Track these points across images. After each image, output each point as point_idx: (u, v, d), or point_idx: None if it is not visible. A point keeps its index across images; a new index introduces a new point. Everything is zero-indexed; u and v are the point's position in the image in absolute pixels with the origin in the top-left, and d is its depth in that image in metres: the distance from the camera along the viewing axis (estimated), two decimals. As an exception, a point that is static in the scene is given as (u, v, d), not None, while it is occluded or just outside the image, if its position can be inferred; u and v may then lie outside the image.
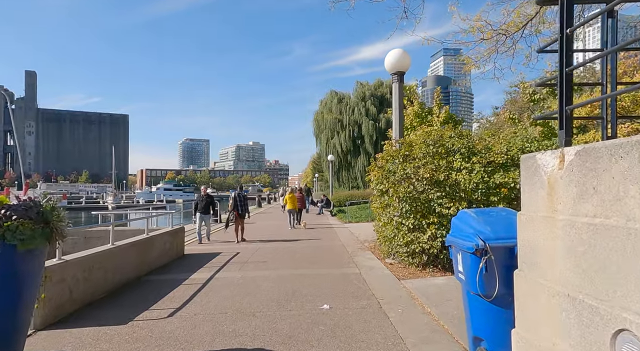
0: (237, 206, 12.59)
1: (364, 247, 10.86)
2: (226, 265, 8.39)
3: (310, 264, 8.42)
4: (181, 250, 9.75)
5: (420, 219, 6.98)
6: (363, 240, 12.28)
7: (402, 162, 7.26)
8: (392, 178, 7.21)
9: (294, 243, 11.89)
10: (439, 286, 6.07)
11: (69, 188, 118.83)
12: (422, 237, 6.86)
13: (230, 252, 10.19)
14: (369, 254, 9.55)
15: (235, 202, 12.69)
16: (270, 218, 22.53)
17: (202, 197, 12.48)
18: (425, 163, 6.85)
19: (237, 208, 12.59)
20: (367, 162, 51.85)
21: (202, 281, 6.88)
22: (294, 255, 9.68)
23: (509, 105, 30.85)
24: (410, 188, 6.85)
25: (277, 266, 8.17)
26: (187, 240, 12.27)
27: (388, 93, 54.73)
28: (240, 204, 12.60)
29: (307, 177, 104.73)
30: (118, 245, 6.68)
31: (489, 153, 6.73)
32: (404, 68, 8.62)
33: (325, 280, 6.81)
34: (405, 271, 7.40)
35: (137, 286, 6.65)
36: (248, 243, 11.95)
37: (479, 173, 6.49)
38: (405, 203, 6.99)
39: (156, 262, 8.16)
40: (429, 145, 7.05)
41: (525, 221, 2.81)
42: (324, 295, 5.86)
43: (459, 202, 6.53)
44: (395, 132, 8.62)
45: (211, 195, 12.90)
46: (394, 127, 8.71)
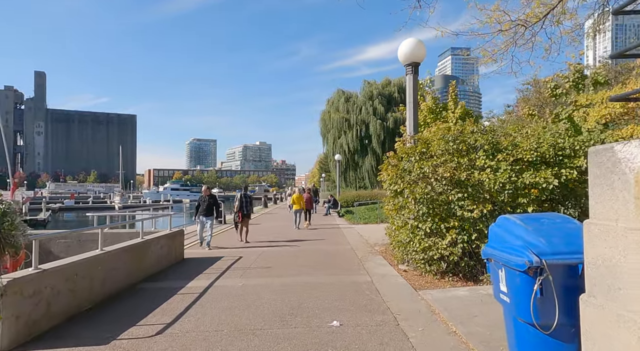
0: (242, 207, 12.42)
1: (374, 251, 10.21)
2: (227, 271, 7.80)
3: (317, 270, 7.80)
4: (180, 254, 9.19)
5: (438, 223, 6.33)
6: (373, 243, 11.64)
7: (418, 160, 6.61)
8: (408, 177, 6.56)
9: (300, 246, 11.28)
10: (461, 299, 5.41)
11: (77, 188, 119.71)
12: (441, 243, 6.21)
13: (232, 255, 9.61)
14: (380, 259, 8.91)
15: (241, 202, 12.50)
16: (276, 218, 21.96)
17: (203, 198, 11.21)
18: (445, 162, 6.20)
19: (243, 209, 12.40)
20: (375, 162, 51.18)
21: (199, 291, 6.29)
22: (300, 259, 9.07)
23: (521, 103, 29.95)
24: (427, 188, 6.20)
25: (281, 273, 7.56)
26: (189, 243, 11.72)
27: (396, 92, 53.95)
28: (245, 205, 12.46)
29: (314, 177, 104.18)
30: (108, 251, 6.11)
31: (516, 150, 6.06)
32: (418, 58, 7.97)
33: (333, 290, 6.18)
34: (422, 279, 6.75)
35: (128, 296, 6.07)
36: (252, 245, 11.36)
37: (506, 172, 5.82)
38: (422, 205, 6.34)
39: (152, 267, 7.59)
40: (449, 141, 6.40)
41: (597, 233, 2.16)
42: (333, 309, 5.23)
43: (482, 204, 5.87)
44: (410, 128, 7.98)
45: (214, 195, 11.77)
46: (408, 122, 8.06)
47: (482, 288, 5.89)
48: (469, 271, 6.37)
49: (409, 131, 7.97)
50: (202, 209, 11.05)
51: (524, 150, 5.99)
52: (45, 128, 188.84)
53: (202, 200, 11.30)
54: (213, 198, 11.40)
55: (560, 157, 5.95)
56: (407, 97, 8.10)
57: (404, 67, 8.14)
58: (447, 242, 6.14)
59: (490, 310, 4.85)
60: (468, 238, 6.11)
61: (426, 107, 10.46)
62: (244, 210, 12.31)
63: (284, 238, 13.03)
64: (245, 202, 12.51)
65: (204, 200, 11.24)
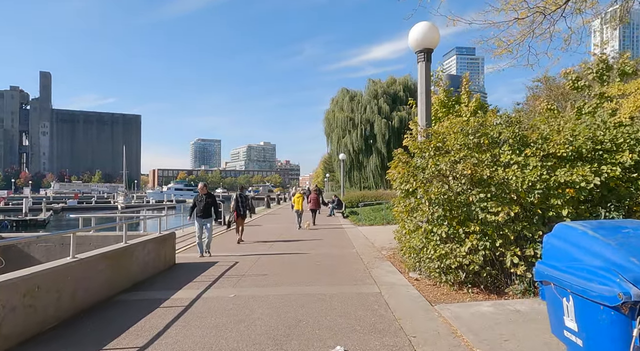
0: (239, 207, 12.39)
1: (381, 255, 9.45)
2: (219, 280, 7.05)
3: (319, 279, 7.04)
4: (171, 258, 8.46)
5: (456, 227, 5.56)
6: (379, 246, 10.87)
7: (433, 156, 5.85)
8: (421, 176, 5.79)
9: (301, 250, 10.52)
10: (486, 317, 4.63)
11: (82, 188, 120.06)
12: (460, 250, 5.43)
13: (228, 260, 8.87)
14: (388, 265, 8.14)
15: (237, 202, 12.45)
16: (278, 219, 21.22)
17: (200, 197, 9.91)
18: (464, 157, 5.43)
19: (239, 209, 12.36)
20: (380, 161, 50.35)
21: (185, 303, 5.56)
22: (300, 266, 8.32)
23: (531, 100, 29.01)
24: (444, 188, 5.44)
25: (278, 282, 6.81)
26: (185, 245, 11.01)
27: (401, 91, 53.17)
28: (241, 205, 12.42)
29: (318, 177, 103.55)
30: (81, 259, 5.38)
31: (547, 144, 5.28)
32: (431, 44, 7.20)
33: (337, 304, 5.43)
34: (437, 291, 5.98)
35: (103, 311, 5.35)
36: (250, 249, 10.62)
37: (536, 169, 5.04)
38: (437, 206, 5.57)
39: (137, 275, 6.87)
40: (468, 134, 5.63)
41: None
42: (337, 328, 4.48)
43: (508, 206, 5.09)
44: (422, 120, 7.21)
45: (212, 194, 10.28)
46: (420, 114, 7.29)
47: (508, 303, 5.11)
48: (491, 282, 5.59)
49: (421, 124, 7.20)
50: (198, 210, 9.79)
51: (556, 143, 5.20)
52: (50, 128, 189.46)
53: (198, 199, 9.95)
54: (211, 197, 10.04)
55: (599, 152, 5.16)
56: (419, 87, 7.33)
57: (415, 54, 7.37)
58: (466, 248, 5.37)
59: (523, 332, 4.08)
60: (491, 245, 5.34)
61: (437, 100, 9.69)
62: (240, 210, 12.32)
63: (285, 241, 12.29)
64: (242, 202, 12.49)
65: (200, 199, 9.90)
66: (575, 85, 9.88)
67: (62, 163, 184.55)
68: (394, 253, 9.50)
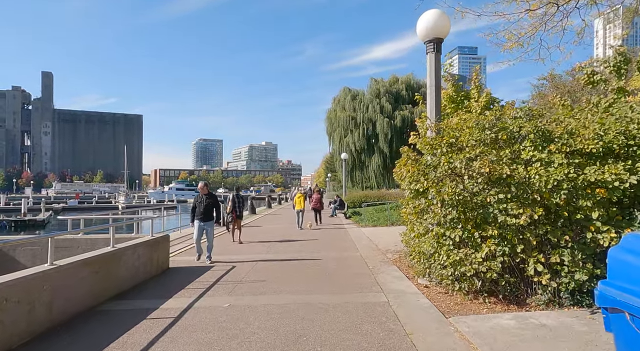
0: (235, 207, 12.30)
1: (387, 259, 8.95)
2: (214, 286, 6.57)
3: (322, 286, 6.54)
4: (164, 262, 7.99)
5: (471, 230, 5.06)
6: (384, 249, 10.37)
7: (445, 153, 5.35)
8: (433, 174, 5.30)
9: (303, 253, 10.04)
10: (509, 332, 4.13)
11: (83, 188, 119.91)
12: (476, 256, 4.93)
13: (225, 264, 8.40)
14: (394, 270, 7.64)
15: (234, 203, 12.36)
16: (279, 220, 20.73)
17: (200, 198, 9.07)
18: (481, 154, 4.93)
19: (236, 210, 12.28)
20: (382, 161, 49.84)
21: (174, 314, 5.08)
22: (301, 270, 7.83)
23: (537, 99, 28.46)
24: (458, 187, 4.94)
25: (278, 289, 6.32)
26: (181, 248, 10.53)
27: (403, 90, 52.65)
28: (238, 205, 12.33)
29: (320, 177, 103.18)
30: (59, 266, 4.91)
31: (574, 139, 4.77)
32: (442, 34, 6.70)
33: (341, 316, 4.94)
34: (450, 300, 5.49)
35: (84, 323, 4.87)
36: (249, 253, 10.15)
37: (562, 167, 4.54)
38: (451, 208, 5.08)
39: (125, 282, 6.39)
40: (484, 129, 5.13)
41: None
42: (341, 345, 3.99)
43: (531, 208, 4.59)
44: (431, 114, 6.70)
45: (214, 194, 9.41)
46: (429, 109, 6.79)
47: (531, 315, 4.60)
48: (510, 291, 5.09)
49: (430, 118, 6.70)
50: (199, 212, 8.92)
51: (584, 139, 4.70)
52: (52, 128, 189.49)
53: (198, 200, 9.11)
54: (213, 197, 9.20)
55: (633, 148, 4.66)
56: (428, 79, 6.83)
57: (424, 45, 6.87)
58: (483, 254, 4.87)
59: (554, 353, 3.58)
60: (510, 251, 4.84)
61: (446, 95, 9.17)
62: (237, 211, 12.23)
63: (286, 243, 11.81)
64: (238, 202, 12.42)
65: (200, 200, 9.04)
66: (590, 80, 9.33)
67: (64, 163, 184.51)
68: (400, 257, 9.01)
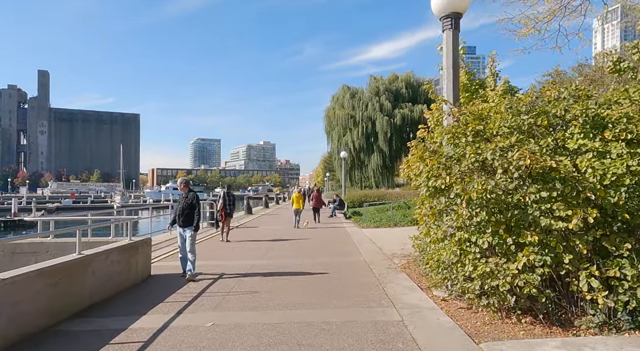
0: (226, 206, 12.05)
1: (394, 265, 8.07)
2: (198, 298, 5.68)
3: (322, 299, 5.65)
4: (145, 269, 7.09)
5: (503, 236, 4.18)
6: (390, 253, 9.50)
7: (471, 142, 4.47)
8: (457, 169, 4.41)
9: (301, 257, 9.15)
10: (562, 367, 3.25)
11: (80, 188, 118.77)
12: (510, 267, 4.05)
13: (213, 271, 7.50)
14: (405, 279, 6.76)
15: (224, 201, 12.12)
16: (276, 221, 19.82)
17: (181, 198, 7.53)
18: (518, 143, 4.05)
19: (226, 208, 12.03)
20: (381, 160, 48.99)
21: (145, 337, 4.19)
22: (299, 279, 6.94)
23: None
24: (489, 184, 4.05)
25: (271, 303, 5.43)
26: (169, 251, 9.62)
27: (403, 88, 51.82)
28: (228, 204, 12.11)
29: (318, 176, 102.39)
30: (5, 279, 4.01)
31: (635, 125, 3.90)
32: (460, 8, 5.82)
33: (347, 339, 4.05)
34: (475, 318, 4.61)
35: (30, 349, 3.97)
36: (241, 256, 9.26)
37: (622, 158, 3.67)
38: (479, 208, 4.19)
39: (94, 295, 5.49)
40: (519, 113, 4.26)
41: None
42: (350, 385, 3.10)
43: (583, 209, 3.71)
44: (449, 97, 5.81)
45: (195, 193, 7.59)
46: (446, 93, 5.89)
47: (583, 342, 3.72)
48: (553, 310, 4.21)
49: (446, 96, 5.81)
50: (179, 213, 7.34)
51: (648, 123, 3.83)
52: (48, 127, 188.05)
53: (179, 201, 7.65)
54: (192, 198, 7.41)
55: None
56: (445, 60, 5.94)
57: (441, 22, 5.99)
58: (519, 265, 3.99)
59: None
60: (552, 261, 3.96)
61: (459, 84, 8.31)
62: (227, 209, 12.00)
63: (282, 246, 10.91)
64: (229, 201, 12.19)
65: (179, 200, 7.59)
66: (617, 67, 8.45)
67: (61, 162, 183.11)
68: (409, 263, 8.14)
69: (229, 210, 12.07)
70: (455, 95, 5.83)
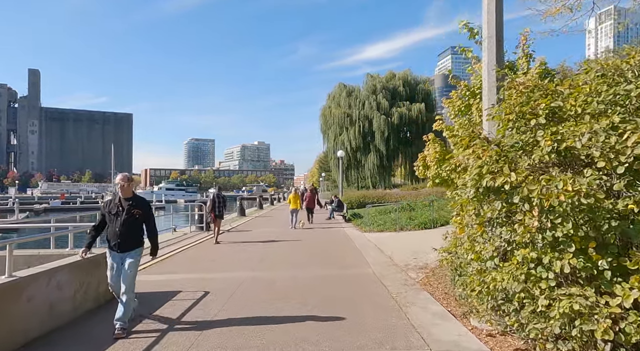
0: (215, 207, 11.85)
1: (410, 280, 6.79)
2: (168, 334, 4.36)
3: (331, 331, 4.35)
4: (107, 291, 5.75)
5: (594, 257, 2.92)
6: (402, 263, 8.23)
7: (544, 125, 3.20)
8: (526, 162, 3.14)
9: (300, 270, 7.85)
10: None
11: (70, 188, 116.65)
12: (611, 304, 2.79)
13: (195, 288, 6.19)
14: (429, 300, 5.47)
15: (213, 203, 11.94)
16: (270, 223, 18.47)
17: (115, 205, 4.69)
18: (624, 123, 2.79)
19: (215, 210, 11.82)
20: (378, 160, 47.80)
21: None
22: (299, 300, 5.63)
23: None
24: (581, 184, 2.78)
25: (265, 340, 4.12)
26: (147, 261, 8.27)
27: (401, 86, 50.66)
28: (218, 205, 11.89)
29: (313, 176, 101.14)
30: None
31: None
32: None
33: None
34: (546, 368, 3.33)
35: None
36: (230, 267, 7.95)
37: None
38: (563, 219, 2.92)
39: (32, 329, 4.15)
40: (619, 82, 3.00)
41: None
42: None
43: None
44: (490, 77, 4.52)
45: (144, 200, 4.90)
46: (487, 64, 4.56)
47: None
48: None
49: (489, 80, 4.53)
50: (112, 231, 4.60)
51: None
52: (39, 127, 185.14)
53: (111, 209, 4.66)
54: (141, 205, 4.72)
55: None
56: (486, 28, 4.65)
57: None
58: (628, 303, 2.72)
59: None
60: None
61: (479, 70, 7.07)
62: (216, 211, 11.79)
63: (278, 255, 9.59)
64: (219, 202, 11.96)
65: (116, 210, 4.65)
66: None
67: (52, 162, 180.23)
68: (428, 278, 6.86)
69: (218, 212, 11.83)
70: (500, 58, 4.56)
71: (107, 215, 4.67)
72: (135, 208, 4.61)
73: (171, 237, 12.88)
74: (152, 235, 4.84)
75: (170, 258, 9.10)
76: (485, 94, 4.60)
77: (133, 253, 4.60)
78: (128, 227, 4.55)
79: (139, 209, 4.64)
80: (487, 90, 4.60)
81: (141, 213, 4.65)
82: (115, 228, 4.56)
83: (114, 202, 4.70)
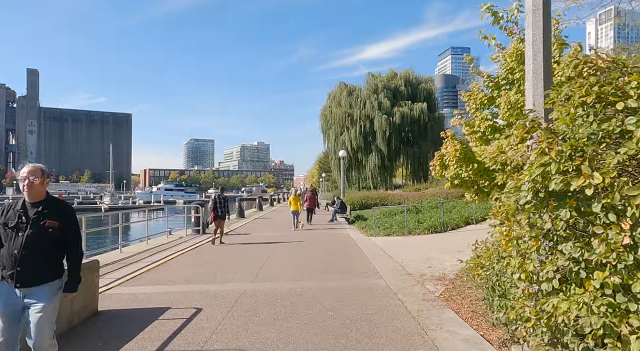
0: (216, 208, 11.87)
1: (429, 293, 6.02)
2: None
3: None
4: (89, 304, 4.99)
5: None
6: (416, 273, 7.47)
7: (637, 109, 2.44)
8: (611, 158, 2.38)
9: (304, 281, 7.07)
10: None
11: (69, 188, 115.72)
12: None
13: (187, 304, 5.42)
14: (456, 322, 4.70)
15: (215, 203, 11.98)
16: (270, 226, 17.68)
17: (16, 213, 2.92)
18: None
19: (216, 210, 11.84)
20: (380, 160, 46.98)
21: None
22: (304, 320, 4.85)
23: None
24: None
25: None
26: (135, 270, 7.51)
27: (402, 85, 49.89)
28: (219, 206, 11.92)
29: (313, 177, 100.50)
30: None
31: None
32: None
33: None
34: None
35: None
36: (227, 277, 7.18)
37: None
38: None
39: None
40: None
41: None
42: None
43: None
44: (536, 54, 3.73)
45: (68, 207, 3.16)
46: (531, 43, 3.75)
47: None
48: None
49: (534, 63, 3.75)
50: (7, 257, 2.88)
51: None
52: (38, 127, 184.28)
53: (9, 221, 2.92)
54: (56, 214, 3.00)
55: None
56: (530, -1, 3.92)
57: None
58: None
59: None
60: None
61: (514, 51, 6.32)
62: (217, 212, 11.80)
63: (280, 261, 8.80)
64: (220, 202, 11.97)
65: (15, 221, 2.91)
66: None
67: (50, 162, 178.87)
68: (449, 291, 6.08)
69: (220, 212, 11.82)
70: (546, 43, 3.78)
71: (1, 228, 2.94)
72: (48, 218, 2.94)
73: (165, 241, 12.12)
74: (75, 259, 3.14)
75: (162, 266, 8.33)
76: (530, 78, 3.84)
77: (44, 291, 2.91)
78: (35, 247, 2.88)
79: (54, 219, 2.96)
80: (531, 73, 3.84)
81: (57, 226, 2.96)
82: (12, 249, 2.86)
83: (13, 210, 2.96)
